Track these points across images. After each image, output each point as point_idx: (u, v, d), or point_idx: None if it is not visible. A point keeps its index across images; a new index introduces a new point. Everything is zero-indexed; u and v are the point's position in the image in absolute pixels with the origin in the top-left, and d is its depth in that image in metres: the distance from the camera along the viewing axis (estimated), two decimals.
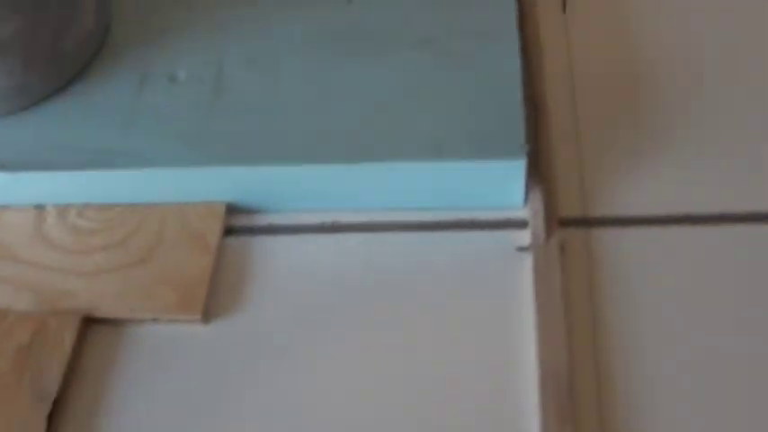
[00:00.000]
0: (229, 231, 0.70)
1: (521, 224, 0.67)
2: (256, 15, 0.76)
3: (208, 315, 0.65)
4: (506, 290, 0.64)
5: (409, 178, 0.66)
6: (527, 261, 0.65)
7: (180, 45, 0.75)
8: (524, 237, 0.66)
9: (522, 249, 0.65)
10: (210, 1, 0.78)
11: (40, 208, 0.70)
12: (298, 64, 0.73)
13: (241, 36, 0.75)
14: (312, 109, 0.69)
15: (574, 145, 0.71)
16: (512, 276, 0.64)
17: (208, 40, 0.75)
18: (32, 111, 0.72)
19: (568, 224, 0.67)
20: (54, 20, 0.70)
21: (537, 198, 0.67)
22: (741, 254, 0.64)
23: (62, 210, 0.71)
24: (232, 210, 0.70)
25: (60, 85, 0.73)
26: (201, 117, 0.70)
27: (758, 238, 0.65)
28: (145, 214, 0.70)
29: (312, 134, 0.68)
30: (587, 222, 0.67)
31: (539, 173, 0.68)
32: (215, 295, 0.66)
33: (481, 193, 0.67)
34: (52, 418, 0.59)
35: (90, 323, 0.65)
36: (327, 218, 0.69)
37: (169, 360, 0.64)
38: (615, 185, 0.68)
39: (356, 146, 0.67)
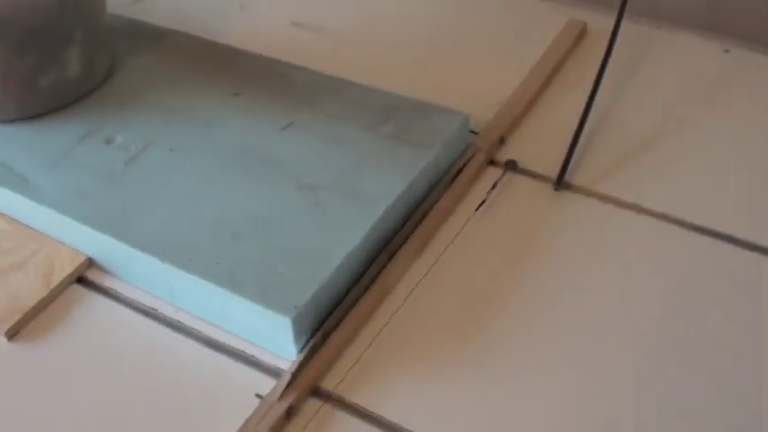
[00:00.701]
0: (81, 280, 0.79)
1: (278, 375, 0.70)
2: (206, 119, 0.86)
3: (13, 335, 0.75)
4: (218, 425, 0.68)
5: (207, 295, 0.72)
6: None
7: (137, 117, 0.86)
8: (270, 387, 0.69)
9: (258, 397, 0.69)
10: (187, 94, 0.89)
11: None
12: (203, 167, 0.81)
13: (183, 129, 0.85)
14: (183, 208, 0.77)
15: (375, 333, 0.73)
16: (233, 416, 0.68)
17: (160, 123, 0.85)
18: (4, 125, 0.86)
19: (321, 396, 0.69)
20: (33, 59, 0.83)
21: (298, 360, 0.70)
22: None
23: None
24: (93, 264, 0.79)
25: (35, 114, 0.86)
26: (103, 180, 0.80)
27: None
28: (32, 238, 0.81)
29: (165, 228, 0.76)
30: (336, 401, 0.69)
31: (326, 338, 0.71)
32: (33, 324, 0.76)
33: (262, 332, 0.71)
34: None
35: None
36: (153, 304, 0.76)
37: None
38: (384, 384, 0.70)
39: (179, 250, 0.73)
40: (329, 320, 0.73)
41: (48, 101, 0.87)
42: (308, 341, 0.71)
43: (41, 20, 0.82)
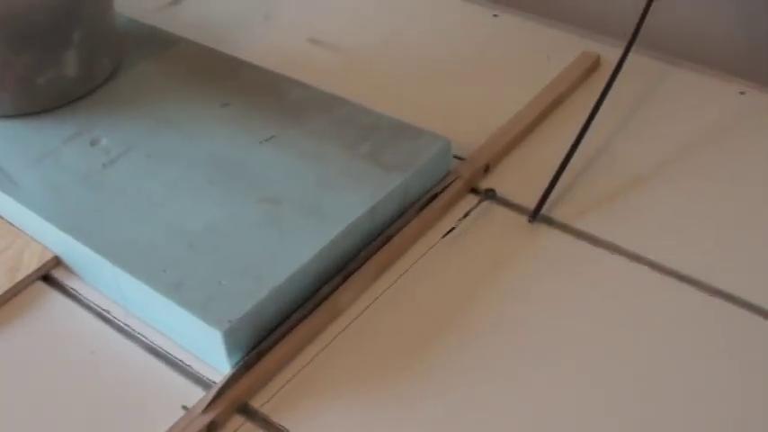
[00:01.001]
0: (46, 278, 0.80)
1: (210, 388, 0.70)
2: (190, 127, 0.87)
3: None
4: None
5: (151, 302, 0.72)
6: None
7: (126, 121, 0.87)
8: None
9: (184, 408, 0.69)
10: (179, 102, 0.90)
11: None
12: (174, 175, 0.81)
13: (165, 136, 0.85)
14: (145, 214, 0.78)
15: (315, 352, 0.72)
16: (160, 425, 0.68)
17: (146, 128, 0.86)
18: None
19: (248, 413, 0.69)
20: (29, 58, 0.85)
21: (228, 374, 0.70)
22: None
23: None
24: (60, 263, 0.81)
25: (31, 111, 0.88)
26: (78, 181, 0.81)
27: None
28: (10, 233, 0.83)
29: (123, 232, 0.76)
30: (261, 420, 0.68)
31: (262, 354, 0.71)
32: None
33: (199, 344, 0.71)
34: None
35: None
36: (107, 307, 0.77)
37: None
38: (313, 407, 0.69)
39: (131, 254, 0.74)
40: (270, 337, 0.72)
41: (44, 99, 0.88)
42: (243, 357, 0.70)
43: (40, 19, 0.84)
